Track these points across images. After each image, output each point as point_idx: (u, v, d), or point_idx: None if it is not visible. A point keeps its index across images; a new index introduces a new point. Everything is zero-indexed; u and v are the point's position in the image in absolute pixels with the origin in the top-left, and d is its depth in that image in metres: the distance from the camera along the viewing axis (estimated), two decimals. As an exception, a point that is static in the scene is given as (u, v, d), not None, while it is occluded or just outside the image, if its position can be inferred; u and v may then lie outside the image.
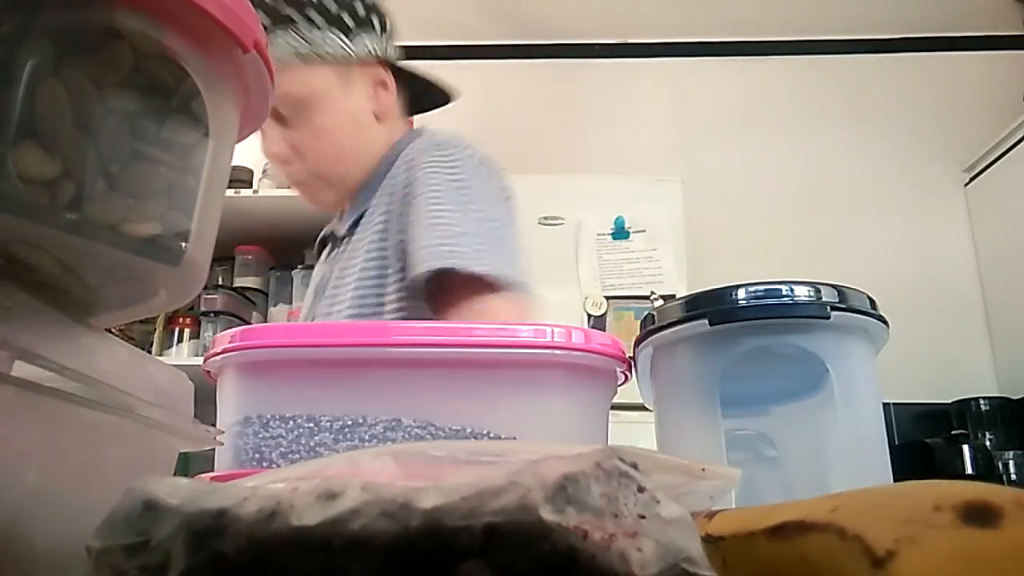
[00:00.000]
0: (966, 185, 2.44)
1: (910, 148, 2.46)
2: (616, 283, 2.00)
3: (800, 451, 0.50)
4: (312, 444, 0.44)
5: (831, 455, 0.44)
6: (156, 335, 2.04)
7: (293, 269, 2.11)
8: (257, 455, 0.44)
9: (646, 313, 0.48)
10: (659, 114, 2.53)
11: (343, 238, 0.93)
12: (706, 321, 0.43)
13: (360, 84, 0.89)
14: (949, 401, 2.16)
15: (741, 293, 0.44)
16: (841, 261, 2.31)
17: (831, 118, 2.51)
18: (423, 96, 0.98)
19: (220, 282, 2.11)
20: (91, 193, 0.28)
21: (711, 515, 0.27)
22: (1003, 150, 2.26)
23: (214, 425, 0.40)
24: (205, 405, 0.44)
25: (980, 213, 2.39)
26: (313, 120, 0.85)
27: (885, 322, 0.45)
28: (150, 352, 1.97)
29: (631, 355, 0.49)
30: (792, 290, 0.44)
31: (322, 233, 1.01)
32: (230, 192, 1.90)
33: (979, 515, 0.19)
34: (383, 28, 0.90)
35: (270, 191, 2.09)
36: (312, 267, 2.04)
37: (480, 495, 0.19)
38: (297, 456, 0.44)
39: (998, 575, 0.18)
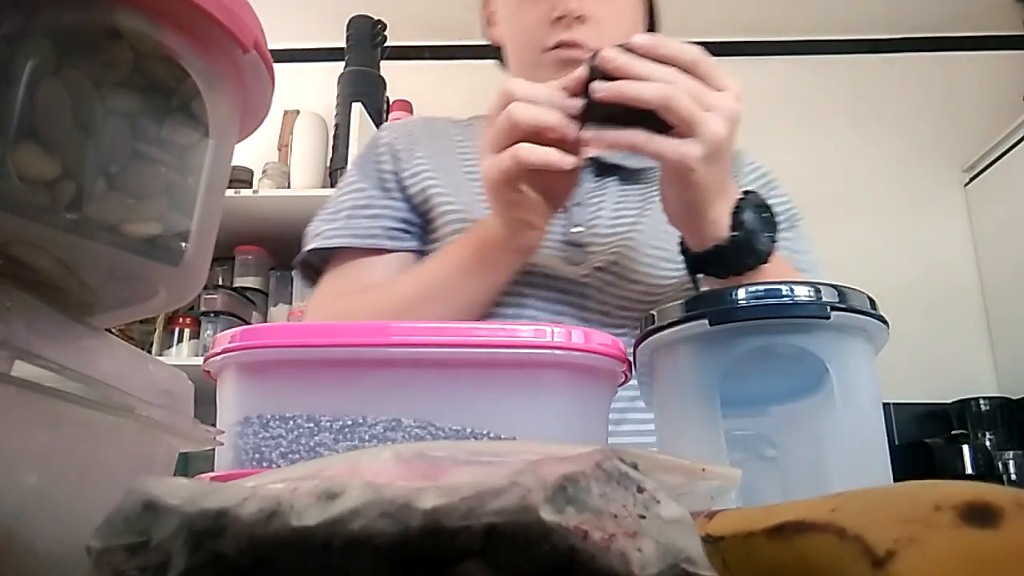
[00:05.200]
0: (966, 185, 2.44)
1: (910, 148, 2.46)
2: (616, 283, 1.99)
3: (800, 451, 0.50)
4: (312, 444, 0.44)
5: (831, 455, 0.44)
6: (156, 335, 2.04)
7: (293, 269, 2.10)
8: (257, 455, 0.44)
9: (646, 313, 0.48)
10: (659, 114, 2.53)
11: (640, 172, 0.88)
12: (706, 321, 0.43)
13: None
14: (949, 401, 2.17)
15: (741, 293, 0.44)
16: (841, 261, 2.31)
17: (831, 118, 2.51)
18: None
19: (220, 282, 2.11)
20: (91, 193, 0.28)
21: (711, 515, 0.27)
22: (1003, 150, 2.26)
23: (214, 425, 0.40)
24: (205, 405, 0.44)
25: (980, 213, 2.39)
26: None
27: (885, 322, 0.45)
28: (150, 352, 1.98)
29: (631, 355, 0.49)
30: (792, 290, 0.44)
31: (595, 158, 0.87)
32: (230, 192, 1.90)
33: (979, 515, 0.19)
34: None
35: (270, 191, 2.09)
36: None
37: (480, 495, 0.19)
38: (297, 456, 0.44)
39: (998, 575, 0.18)
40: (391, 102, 2.30)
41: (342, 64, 2.25)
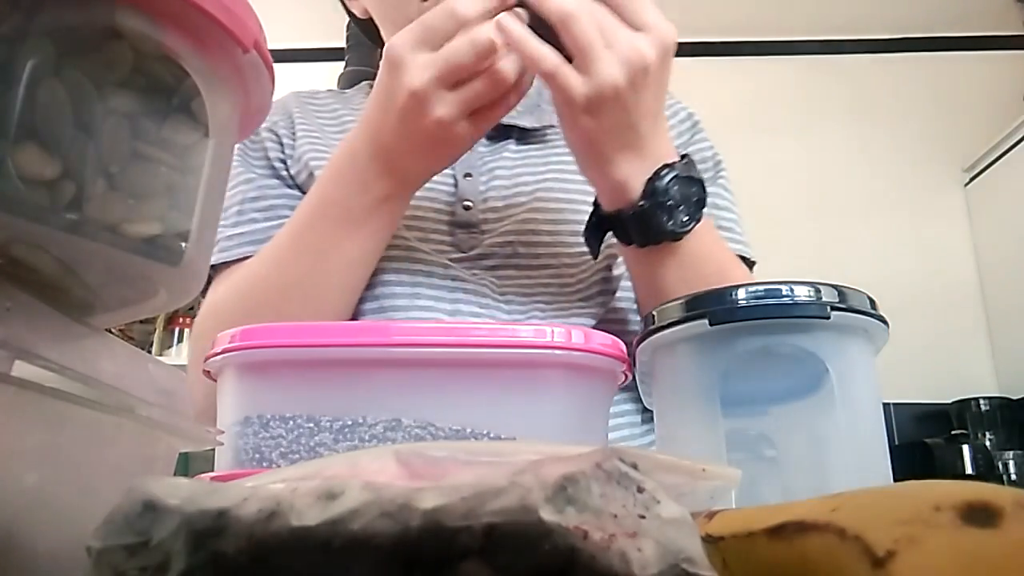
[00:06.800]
0: (966, 185, 2.44)
1: (910, 148, 2.46)
2: (616, 283, 1.99)
3: (800, 451, 0.50)
4: (312, 444, 0.44)
5: (831, 455, 0.44)
6: (156, 335, 2.04)
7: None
8: (257, 455, 0.44)
9: (646, 313, 0.48)
10: (659, 114, 2.53)
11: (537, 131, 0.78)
12: (706, 321, 0.43)
13: None
14: (949, 401, 2.17)
15: (741, 293, 0.44)
16: (841, 261, 2.31)
17: (831, 118, 2.51)
18: None
19: (220, 282, 2.11)
20: (91, 193, 0.28)
21: (711, 515, 0.27)
22: (1003, 150, 2.26)
23: (214, 425, 0.40)
24: (205, 405, 0.44)
25: (980, 213, 2.39)
26: None
27: (885, 322, 0.45)
28: (150, 352, 1.98)
29: (631, 355, 0.49)
30: (792, 290, 0.44)
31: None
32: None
33: (979, 515, 0.19)
34: None
35: (270, 191, 2.08)
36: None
37: (480, 495, 0.19)
38: (297, 456, 0.44)
39: (998, 575, 0.18)
40: (391, 102, 2.30)
41: (342, 64, 2.25)
